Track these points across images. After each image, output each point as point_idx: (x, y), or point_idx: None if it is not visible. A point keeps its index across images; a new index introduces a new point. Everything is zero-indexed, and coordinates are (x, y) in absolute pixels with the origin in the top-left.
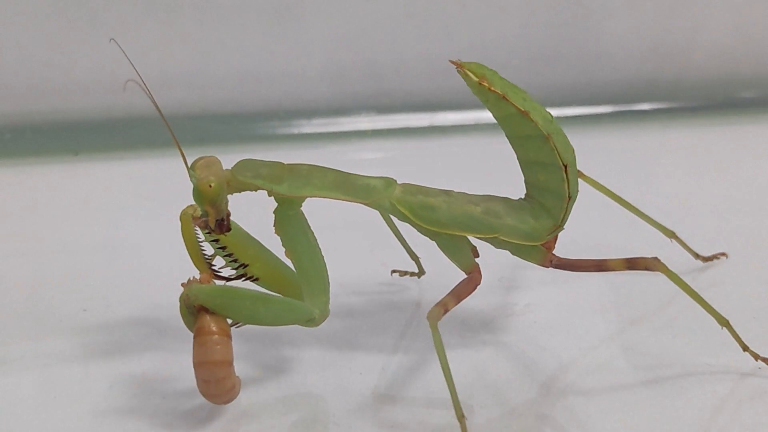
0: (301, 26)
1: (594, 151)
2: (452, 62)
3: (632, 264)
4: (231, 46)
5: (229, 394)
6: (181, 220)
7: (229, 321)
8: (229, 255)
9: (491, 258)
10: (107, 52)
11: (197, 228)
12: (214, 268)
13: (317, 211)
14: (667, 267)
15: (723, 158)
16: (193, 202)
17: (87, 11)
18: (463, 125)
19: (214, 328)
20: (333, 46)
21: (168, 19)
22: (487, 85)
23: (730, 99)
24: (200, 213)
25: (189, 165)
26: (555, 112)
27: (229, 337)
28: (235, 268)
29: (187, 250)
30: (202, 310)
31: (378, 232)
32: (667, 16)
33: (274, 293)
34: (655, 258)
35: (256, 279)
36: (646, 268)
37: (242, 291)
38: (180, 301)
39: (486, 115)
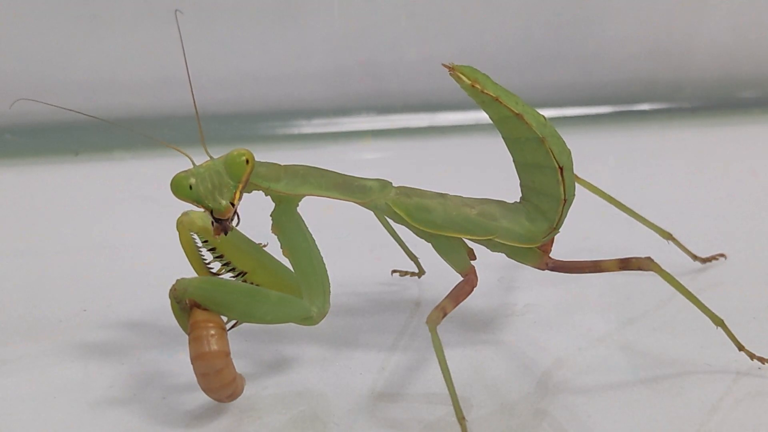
0: (301, 26)
1: (594, 152)
2: (445, 65)
3: (626, 264)
4: (231, 46)
5: (230, 387)
6: (177, 229)
7: (224, 319)
8: (227, 264)
9: (491, 258)
10: (107, 52)
11: (194, 235)
12: (214, 273)
13: (317, 211)
14: (660, 266)
15: (722, 158)
16: (188, 209)
17: (87, 11)
18: (463, 125)
19: (207, 322)
20: (333, 46)
21: (168, 19)
22: (479, 87)
23: (730, 99)
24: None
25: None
26: (555, 112)
27: (224, 329)
28: (235, 276)
29: (187, 257)
30: (195, 306)
31: (378, 232)
32: (667, 16)
33: (268, 289)
34: (648, 258)
35: (258, 286)
36: (639, 268)
37: (234, 284)
38: (170, 298)
39: (485, 116)
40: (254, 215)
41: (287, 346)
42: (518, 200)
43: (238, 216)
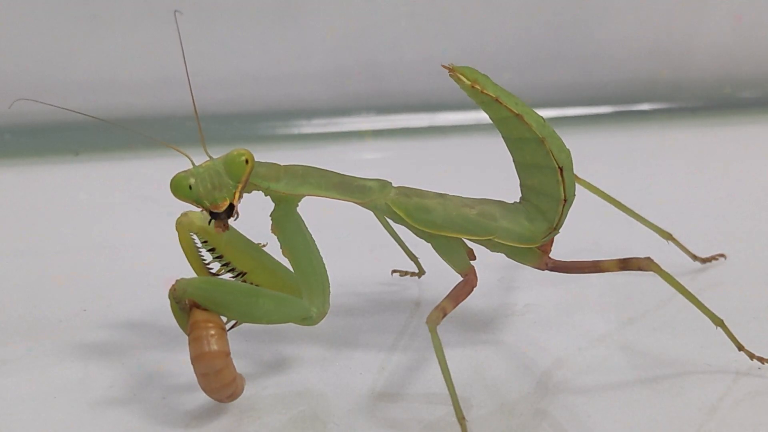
0: (301, 26)
1: (594, 152)
2: (445, 66)
3: (626, 264)
4: (231, 46)
5: (230, 387)
6: (177, 229)
7: (224, 319)
8: (227, 264)
9: (491, 258)
10: (107, 52)
11: (194, 235)
12: (214, 274)
13: (317, 211)
14: (659, 267)
15: (722, 158)
16: (187, 209)
17: (87, 11)
18: (463, 125)
19: (207, 322)
20: (333, 46)
21: (168, 19)
22: (479, 88)
23: (729, 99)
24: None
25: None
26: (555, 112)
27: (224, 329)
28: (234, 276)
29: (187, 257)
30: (194, 306)
31: (378, 232)
32: (667, 16)
33: (267, 289)
34: (648, 258)
35: (257, 286)
36: (639, 268)
37: (234, 284)
38: (170, 298)
39: (485, 116)
40: (254, 215)
41: (287, 346)
42: (518, 200)
43: (236, 211)
